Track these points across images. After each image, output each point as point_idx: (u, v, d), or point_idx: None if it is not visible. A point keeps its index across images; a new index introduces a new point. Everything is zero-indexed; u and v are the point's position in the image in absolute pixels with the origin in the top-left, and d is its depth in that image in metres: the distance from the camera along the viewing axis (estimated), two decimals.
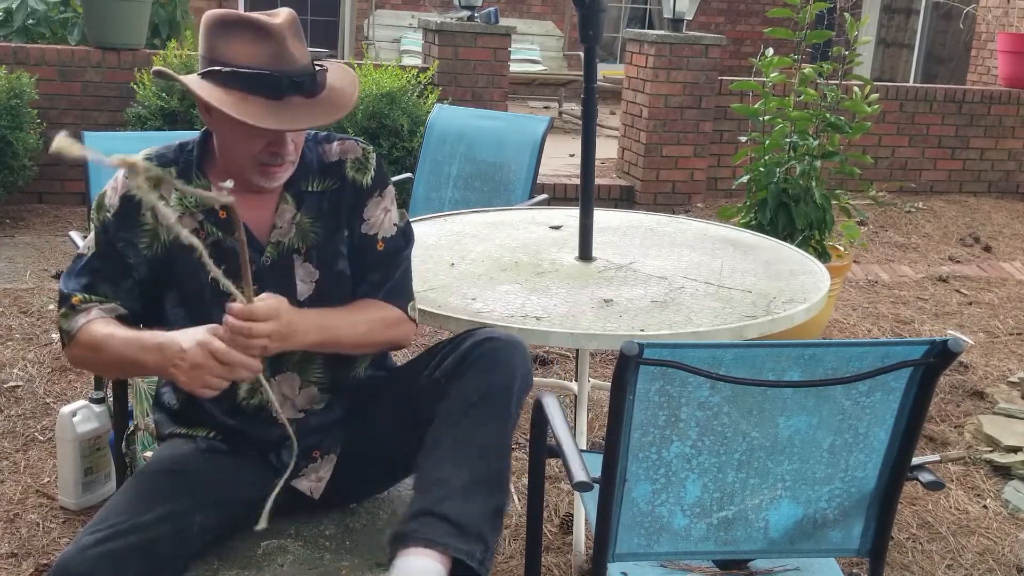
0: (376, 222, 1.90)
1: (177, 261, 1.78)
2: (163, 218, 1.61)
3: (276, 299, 1.67)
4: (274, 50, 1.67)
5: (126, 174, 1.74)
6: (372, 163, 1.90)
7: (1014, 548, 2.86)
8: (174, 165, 1.81)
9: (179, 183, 1.62)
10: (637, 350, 1.58)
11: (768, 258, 2.79)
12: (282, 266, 1.83)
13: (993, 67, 8.63)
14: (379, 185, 1.91)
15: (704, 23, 11.77)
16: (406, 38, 10.42)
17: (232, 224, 1.67)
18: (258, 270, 1.78)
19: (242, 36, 1.67)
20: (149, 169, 1.50)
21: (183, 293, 1.80)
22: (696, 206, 6.80)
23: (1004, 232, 6.71)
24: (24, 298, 4.36)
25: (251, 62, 1.66)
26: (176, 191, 1.78)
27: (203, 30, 1.71)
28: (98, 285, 1.78)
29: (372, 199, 1.90)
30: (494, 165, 4.08)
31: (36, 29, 6.56)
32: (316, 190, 1.86)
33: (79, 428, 2.74)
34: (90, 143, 3.17)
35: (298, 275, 1.83)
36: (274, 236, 1.81)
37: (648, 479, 1.73)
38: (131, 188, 1.73)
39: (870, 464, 1.78)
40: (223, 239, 1.79)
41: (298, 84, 1.68)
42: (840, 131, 4.30)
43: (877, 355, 1.67)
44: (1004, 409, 3.67)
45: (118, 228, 1.79)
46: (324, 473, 1.89)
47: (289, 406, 1.84)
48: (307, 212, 1.84)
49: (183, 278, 1.79)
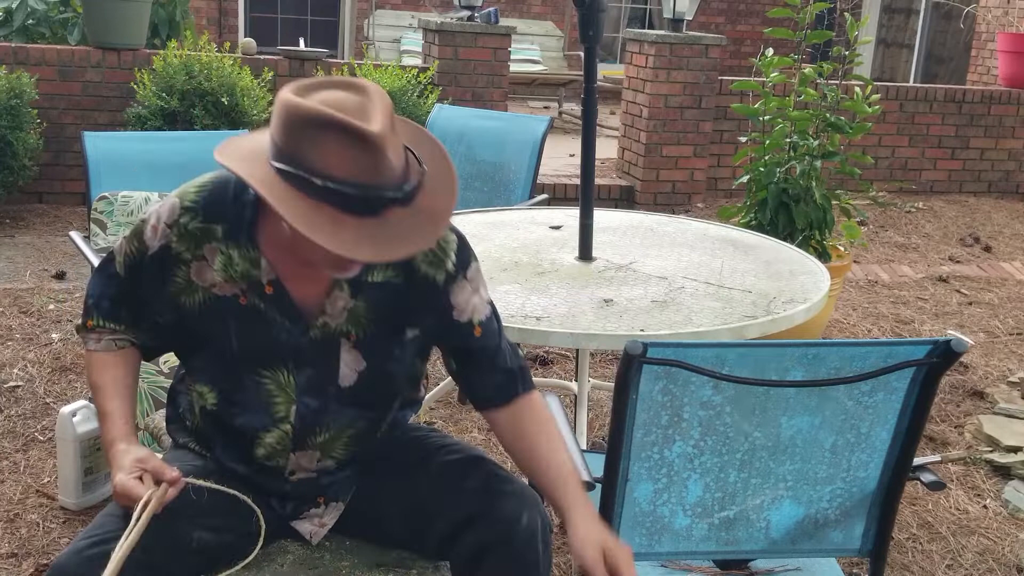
0: (467, 307, 1.71)
1: (210, 324, 1.66)
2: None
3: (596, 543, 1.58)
4: (373, 162, 1.40)
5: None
6: (451, 251, 1.68)
7: (1014, 548, 2.86)
8: (223, 222, 1.62)
9: (208, 484, 1.60)
10: (641, 349, 1.58)
11: (768, 258, 2.79)
12: (328, 347, 1.67)
13: (993, 67, 8.63)
14: (461, 269, 1.69)
15: (704, 23, 11.76)
16: (406, 38, 10.42)
17: (277, 300, 1.61)
18: (300, 345, 1.65)
19: (335, 142, 1.39)
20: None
21: (211, 358, 1.70)
22: (696, 206, 6.80)
23: (1004, 232, 6.71)
24: (24, 298, 4.36)
25: (346, 176, 1.39)
26: (221, 255, 1.61)
27: (283, 120, 1.44)
28: (119, 311, 1.73)
29: (455, 286, 1.69)
30: (494, 165, 4.08)
31: (36, 29, 6.56)
32: (378, 280, 1.65)
33: (79, 428, 2.73)
34: (90, 143, 3.18)
35: (343, 359, 1.68)
36: (321, 319, 1.65)
37: (650, 479, 1.73)
38: (171, 239, 1.62)
39: (872, 464, 1.78)
40: (264, 309, 1.64)
41: (397, 198, 1.44)
42: (840, 131, 4.30)
43: (880, 355, 1.66)
44: (1004, 409, 3.67)
45: (151, 272, 1.67)
46: (328, 520, 1.81)
47: (303, 471, 1.77)
48: (363, 301, 1.66)
49: (213, 343, 1.67)
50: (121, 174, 3.17)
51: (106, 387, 1.71)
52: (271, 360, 1.66)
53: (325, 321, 1.65)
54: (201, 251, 1.63)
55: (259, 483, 1.76)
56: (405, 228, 1.45)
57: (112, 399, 1.70)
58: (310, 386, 1.68)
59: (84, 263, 3.14)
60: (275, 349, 1.65)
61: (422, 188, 1.49)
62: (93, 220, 2.80)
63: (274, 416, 1.69)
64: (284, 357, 1.66)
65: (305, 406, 1.69)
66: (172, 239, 1.63)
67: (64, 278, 4.69)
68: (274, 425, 1.69)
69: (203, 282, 1.64)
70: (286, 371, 1.67)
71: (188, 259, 1.63)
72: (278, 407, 1.68)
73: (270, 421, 1.69)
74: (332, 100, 1.43)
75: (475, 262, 1.73)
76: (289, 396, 1.68)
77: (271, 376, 1.67)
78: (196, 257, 1.63)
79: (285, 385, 1.67)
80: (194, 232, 1.62)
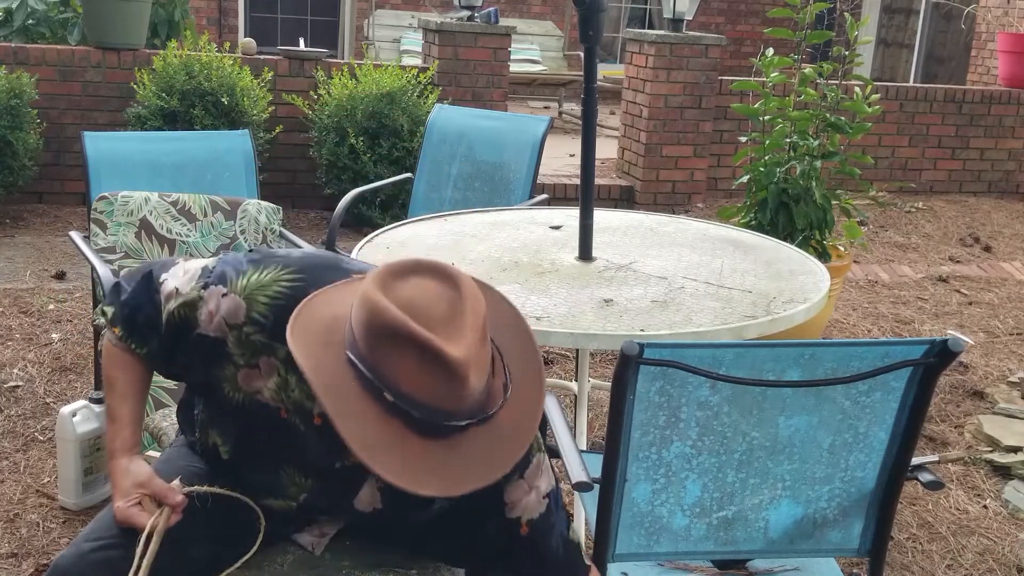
0: (520, 505, 1.57)
1: (244, 420, 1.58)
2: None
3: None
4: (452, 389, 1.29)
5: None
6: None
7: (1014, 548, 2.86)
8: (286, 344, 1.41)
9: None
10: (637, 350, 1.58)
11: (768, 258, 2.79)
12: (353, 477, 1.58)
13: (993, 67, 8.63)
14: (519, 470, 1.54)
15: (704, 23, 11.76)
16: (406, 38, 10.41)
17: (321, 431, 1.48)
18: (326, 467, 1.58)
19: (414, 360, 1.29)
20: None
21: (236, 441, 1.64)
22: (696, 206, 6.80)
23: (1004, 232, 6.71)
24: (24, 298, 4.36)
25: (422, 400, 1.29)
26: (279, 376, 1.50)
27: (364, 320, 1.32)
28: (151, 339, 1.63)
29: (511, 485, 1.56)
30: (494, 165, 4.08)
31: (36, 29, 6.56)
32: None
33: (79, 428, 2.73)
34: (90, 143, 3.18)
35: (364, 491, 1.60)
36: (354, 459, 1.41)
37: (648, 479, 1.73)
38: (229, 338, 1.50)
39: (870, 464, 1.78)
40: (304, 432, 1.55)
41: (474, 423, 1.34)
42: (840, 131, 4.30)
43: (877, 355, 1.67)
44: (1004, 409, 3.67)
45: (196, 348, 1.56)
46: (328, 530, 1.78)
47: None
48: None
49: (243, 433, 1.61)
50: (121, 174, 3.17)
51: (120, 384, 1.67)
52: (293, 464, 1.62)
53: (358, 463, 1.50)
54: (256, 361, 1.52)
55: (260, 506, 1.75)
56: (481, 451, 1.33)
57: (125, 400, 1.67)
58: (325, 492, 1.65)
59: (84, 263, 3.15)
60: (302, 460, 1.61)
61: (507, 403, 1.37)
62: (93, 220, 2.80)
63: (283, 493, 1.66)
64: (308, 468, 1.62)
65: (315, 500, 1.66)
66: (229, 340, 1.52)
67: (64, 278, 4.69)
68: (281, 498, 1.67)
69: (248, 388, 1.55)
70: (305, 476, 1.62)
71: (240, 364, 1.53)
72: (289, 491, 1.66)
73: (277, 495, 1.67)
74: (420, 300, 1.31)
75: (537, 456, 1.57)
76: (302, 489, 1.65)
77: (289, 474, 1.63)
78: (249, 365, 1.53)
79: (300, 483, 1.64)
80: (254, 343, 1.51)
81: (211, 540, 1.67)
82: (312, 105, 6.07)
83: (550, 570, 1.63)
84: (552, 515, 1.61)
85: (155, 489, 1.58)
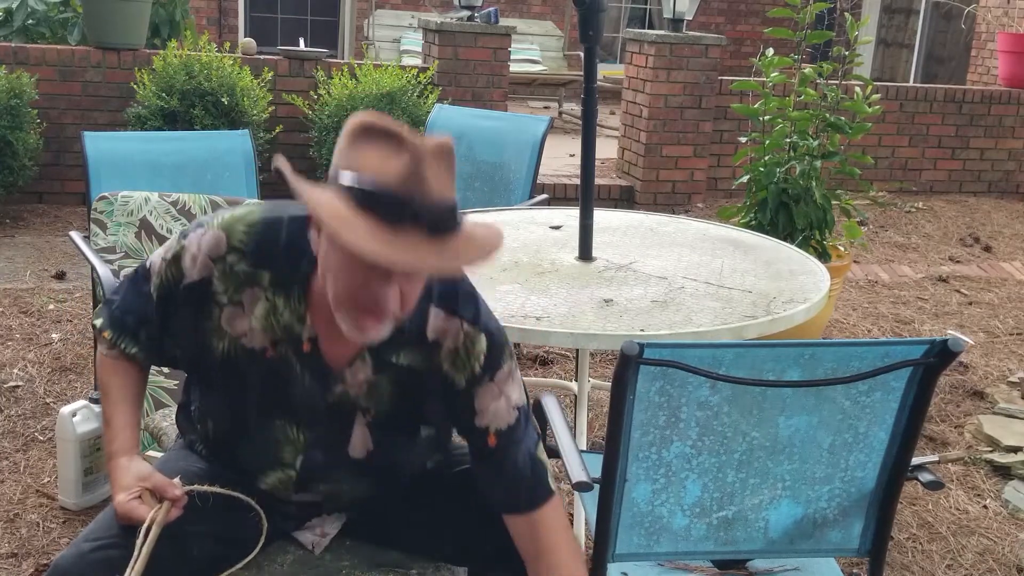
0: (489, 412, 1.61)
1: (232, 373, 1.62)
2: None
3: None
4: (406, 169, 1.38)
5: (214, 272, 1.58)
6: (478, 352, 1.59)
7: (1014, 548, 2.86)
8: (271, 269, 1.56)
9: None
10: (637, 350, 1.58)
11: (768, 258, 2.79)
12: (342, 415, 1.64)
13: (993, 67, 8.63)
14: (488, 371, 1.60)
15: (704, 23, 11.76)
16: (406, 38, 10.41)
17: (310, 359, 1.57)
18: (316, 406, 1.62)
19: (376, 145, 1.40)
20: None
21: (227, 402, 1.67)
22: (696, 206, 6.80)
23: (1004, 232, 6.71)
24: (24, 298, 4.36)
25: (375, 176, 1.38)
26: (265, 302, 1.56)
27: (344, 135, 1.45)
28: (140, 332, 1.67)
29: (480, 388, 1.60)
30: (494, 165, 4.08)
31: (36, 29, 6.56)
32: (402, 364, 1.60)
33: (79, 428, 2.74)
34: (90, 143, 3.18)
35: (356, 432, 1.65)
36: (340, 387, 1.61)
37: (648, 479, 1.73)
38: (214, 274, 1.57)
39: (870, 464, 1.78)
40: (292, 364, 1.60)
41: (422, 216, 1.38)
42: (840, 131, 4.30)
43: (877, 355, 1.67)
44: (1004, 409, 3.67)
45: (185, 301, 1.61)
46: (330, 529, 1.80)
47: (307, 499, 1.77)
48: (385, 381, 1.62)
49: (232, 390, 1.64)
50: (121, 174, 3.17)
51: (114, 391, 1.70)
52: (283, 414, 1.64)
53: (344, 389, 1.61)
54: (239, 296, 1.57)
55: (262, 503, 1.76)
56: (422, 251, 1.38)
57: (118, 405, 1.69)
58: (319, 444, 1.66)
59: (84, 263, 3.15)
60: (290, 405, 1.63)
61: (456, 234, 1.43)
62: (93, 220, 2.80)
63: (280, 461, 1.68)
64: (298, 414, 1.64)
65: (312, 459, 1.67)
66: (214, 275, 1.57)
67: (64, 278, 4.69)
68: (279, 468, 1.68)
69: (232, 330, 1.59)
70: (296, 427, 1.64)
71: (224, 302, 1.58)
72: (285, 455, 1.67)
73: (275, 464, 1.68)
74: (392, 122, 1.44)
75: (508, 363, 1.62)
76: (297, 448, 1.67)
77: (281, 427, 1.65)
78: (232, 302, 1.58)
79: (294, 439, 1.66)
80: (238, 274, 1.57)
81: (213, 540, 1.67)
82: (312, 105, 6.07)
83: (512, 484, 1.63)
84: (520, 429, 1.63)
85: (156, 483, 1.58)
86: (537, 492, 1.64)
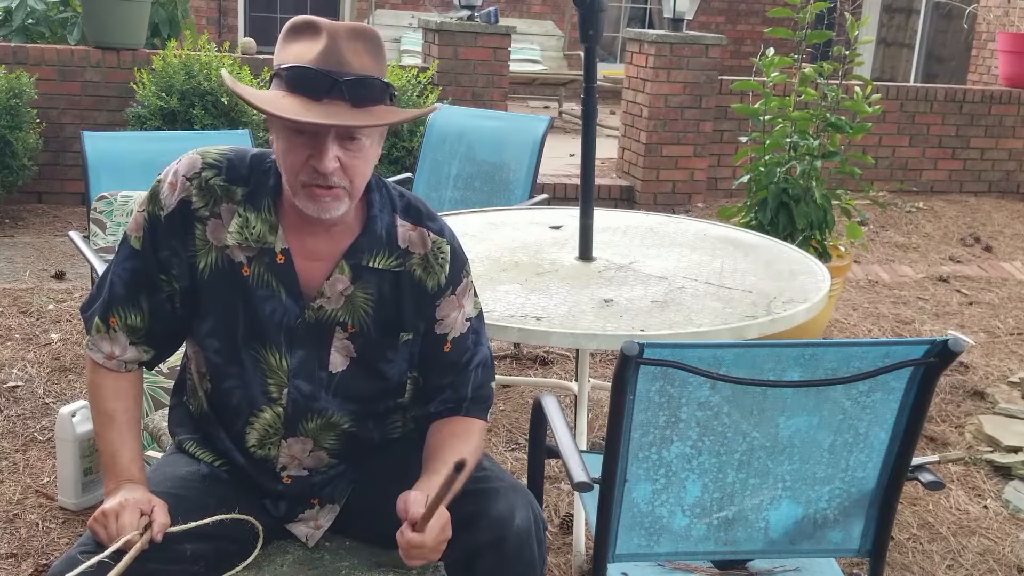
0: (449, 322, 1.75)
1: (220, 287, 1.68)
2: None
3: (442, 523, 1.57)
4: (324, 48, 1.54)
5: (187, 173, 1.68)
6: (443, 262, 1.73)
7: (1014, 548, 2.86)
8: (243, 185, 1.68)
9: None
10: (637, 350, 1.58)
11: (768, 258, 2.78)
12: (321, 332, 1.70)
13: (993, 67, 8.63)
14: (451, 285, 1.74)
15: (704, 23, 11.76)
16: (406, 38, 10.42)
17: (283, 272, 1.66)
18: (294, 326, 1.69)
19: (300, 37, 1.58)
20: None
21: (217, 324, 1.70)
22: (696, 206, 6.80)
23: (1004, 232, 6.71)
24: (24, 298, 4.36)
25: (297, 61, 1.55)
26: (239, 216, 1.66)
27: (278, 41, 1.62)
28: (137, 294, 1.70)
29: (444, 299, 1.74)
30: (494, 165, 4.08)
31: (36, 29, 6.56)
32: (378, 267, 1.70)
33: (79, 428, 2.73)
34: (89, 143, 3.18)
35: (335, 347, 1.71)
36: (318, 302, 1.68)
37: (648, 479, 1.73)
38: (192, 192, 1.66)
39: (870, 464, 1.78)
40: (267, 280, 1.68)
41: (339, 86, 1.53)
42: (841, 131, 4.30)
43: (877, 355, 1.66)
44: (1004, 409, 3.67)
45: (168, 233, 1.67)
46: (323, 522, 1.81)
47: (296, 465, 1.77)
48: (363, 289, 1.70)
49: (220, 308, 1.69)
50: (120, 174, 3.17)
51: (115, 417, 1.71)
52: (265, 338, 1.69)
53: (321, 304, 1.69)
54: (218, 209, 1.66)
55: (253, 481, 1.77)
56: (342, 115, 1.54)
57: (125, 436, 1.71)
58: (301, 370, 1.71)
59: (83, 263, 3.15)
60: (270, 327, 1.68)
61: (376, 103, 1.57)
62: (93, 220, 2.80)
63: (268, 395, 1.72)
64: (278, 337, 1.69)
65: (297, 389, 1.71)
66: (192, 193, 1.66)
67: (63, 278, 4.69)
68: (267, 404, 1.72)
69: (217, 241, 1.67)
70: (279, 353, 1.70)
71: (206, 216, 1.66)
72: (271, 388, 1.71)
73: (264, 400, 1.72)
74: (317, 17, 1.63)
75: (467, 278, 1.78)
76: (281, 379, 1.71)
77: (265, 357, 1.70)
78: (213, 215, 1.66)
79: (277, 368, 1.70)
80: (214, 188, 1.67)
81: (211, 541, 1.67)
82: None
83: (459, 384, 1.77)
84: (468, 338, 1.78)
85: (154, 505, 1.61)
86: (475, 406, 1.78)
